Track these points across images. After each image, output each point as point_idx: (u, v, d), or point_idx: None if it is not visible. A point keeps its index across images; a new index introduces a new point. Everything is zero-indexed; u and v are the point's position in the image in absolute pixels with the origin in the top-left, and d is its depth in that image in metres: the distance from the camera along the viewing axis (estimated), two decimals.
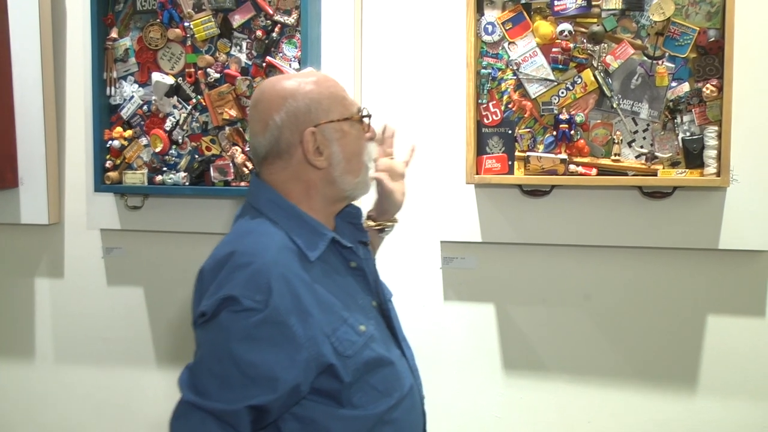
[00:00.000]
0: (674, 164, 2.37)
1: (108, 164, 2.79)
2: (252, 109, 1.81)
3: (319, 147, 1.77)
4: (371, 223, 2.06)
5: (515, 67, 2.47)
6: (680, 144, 2.36)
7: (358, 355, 1.71)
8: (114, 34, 2.77)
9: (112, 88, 2.79)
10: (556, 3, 2.41)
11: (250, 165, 2.64)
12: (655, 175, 2.37)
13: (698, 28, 2.31)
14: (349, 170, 1.82)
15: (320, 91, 1.80)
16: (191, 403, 1.60)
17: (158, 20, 2.71)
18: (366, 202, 2.03)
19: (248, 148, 2.62)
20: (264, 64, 2.62)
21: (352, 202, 1.92)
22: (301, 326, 1.63)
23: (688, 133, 2.35)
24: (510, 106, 2.49)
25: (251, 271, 1.63)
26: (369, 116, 1.87)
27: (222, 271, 1.66)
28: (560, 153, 2.44)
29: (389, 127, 2.04)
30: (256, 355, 1.60)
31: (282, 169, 1.78)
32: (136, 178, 2.77)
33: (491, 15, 2.48)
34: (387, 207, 2.02)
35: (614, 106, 2.40)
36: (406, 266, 2.71)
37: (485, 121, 2.50)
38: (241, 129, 2.66)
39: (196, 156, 2.72)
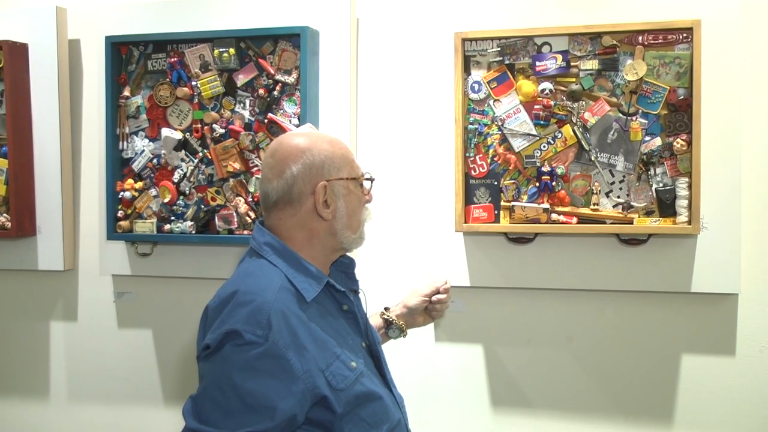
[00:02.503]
0: (649, 213, 2.45)
1: (120, 214, 2.88)
2: (269, 157, 1.90)
3: (327, 200, 1.88)
4: (384, 317, 2.30)
5: (500, 123, 2.56)
6: (654, 194, 2.45)
7: (350, 388, 1.80)
8: (126, 93, 2.87)
9: (125, 143, 2.89)
10: (537, 63, 2.52)
11: (252, 215, 2.73)
12: (632, 224, 2.45)
13: (668, 87, 2.41)
14: (349, 226, 1.94)
15: (334, 151, 1.91)
16: (194, 431, 1.68)
17: (168, 80, 2.82)
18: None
19: (257, 195, 2.65)
20: (266, 121, 2.72)
21: (347, 254, 2.04)
22: (298, 360, 1.72)
23: (661, 184, 2.44)
24: (496, 159, 2.57)
25: (252, 308, 1.73)
26: (372, 180, 2.00)
27: (225, 308, 1.76)
28: (543, 203, 2.52)
29: (447, 283, 2.32)
30: (256, 385, 1.68)
31: (290, 216, 1.89)
32: (145, 226, 2.86)
33: (477, 74, 2.58)
34: (407, 317, 2.31)
35: (592, 159, 2.50)
36: None
37: (473, 173, 2.59)
38: (244, 181, 2.76)
39: (202, 206, 2.81)
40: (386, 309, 2.31)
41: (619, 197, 2.50)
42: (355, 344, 1.93)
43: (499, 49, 2.56)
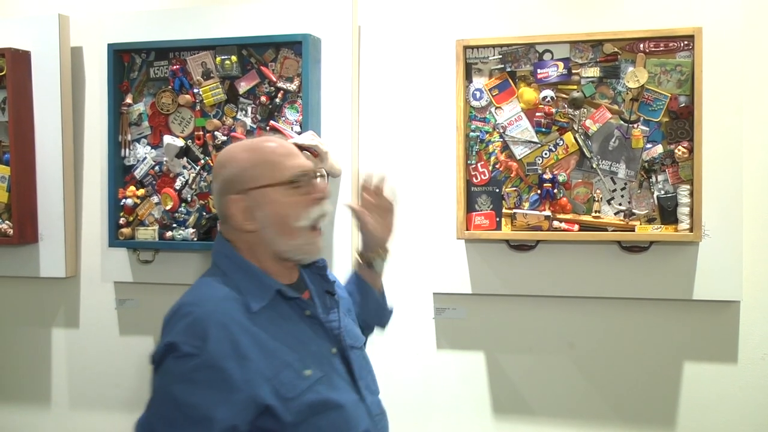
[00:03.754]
0: (650, 220, 2.46)
1: (122, 221, 2.88)
2: None
3: (252, 211, 1.85)
4: (359, 259, 2.18)
5: (502, 130, 2.57)
6: (656, 201, 2.45)
7: (302, 397, 1.77)
8: (129, 100, 2.88)
9: (127, 150, 2.90)
10: (539, 71, 2.52)
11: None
12: (633, 231, 2.46)
13: (670, 95, 2.42)
14: (282, 233, 1.86)
15: (253, 158, 1.87)
16: None
17: (170, 87, 2.83)
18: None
19: None
20: (268, 128, 2.72)
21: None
22: (239, 370, 1.70)
23: (662, 192, 2.45)
24: (497, 166, 2.58)
25: (191, 320, 1.73)
26: (308, 178, 1.88)
27: (170, 321, 1.77)
28: (544, 210, 2.53)
29: (372, 175, 2.11)
30: (193, 396, 1.67)
31: (229, 231, 1.89)
32: (147, 234, 2.87)
33: (479, 82, 2.59)
34: (367, 240, 2.13)
35: (594, 166, 2.50)
36: (401, 316, 2.74)
37: (474, 180, 2.60)
38: None
39: (204, 213, 2.81)
40: (358, 253, 2.19)
41: (620, 204, 2.50)
42: (321, 350, 1.89)
43: (500, 56, 2.57)
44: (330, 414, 1.82)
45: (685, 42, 2.42)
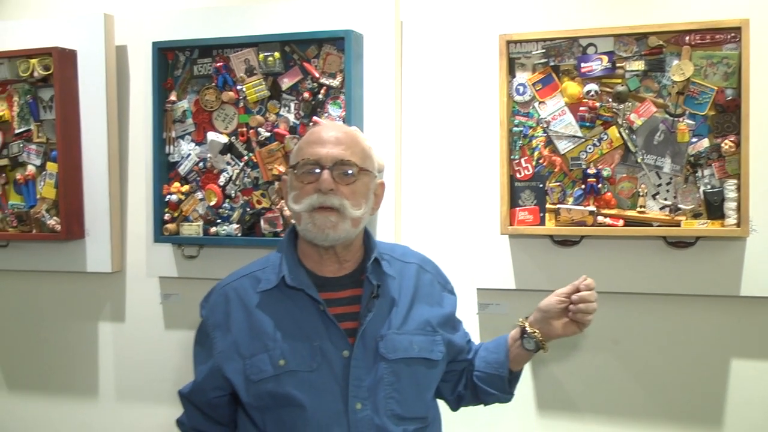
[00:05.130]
0: (696, 215, 2.43)
1: (166, 217, 2.92)
2: None
3: (286, 191, 1.98)
4: (520, 321, 2.06)
5: (545, 125, 2.55)
6: (702, 196, 2.42)
7: (264, 384, 1.86)
8: (173, 97, 2.91)
9: (171, 147, 2.93)
10: (582, 65, 2.51)
11: None
12: (679, 226, 2.43)
13: (716, 88, 2.39)
14: (294, 215, 1.93)
15: (300, 140, 1.97)
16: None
17: (213, 84, 2.86)
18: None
19: None
20: (311, 124, 2.73)
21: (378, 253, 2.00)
22: (221, 340, 1.95)
23: (708, 186, 2.42)
24: (541, 161, 2.57)
25: (210, 290, 2.05)
26: (308, 167, 1.88)
27: None
28: (589, 205, 2.51)
29: (587, 279, 2.03)
30: (194, 349, 2.05)
31: None
32: (192, 229, 2.90)
33: (522, 77, 2.58)
34: (548, 329, 2.01)
35: (639, 160, 2.48)
36: None
37: (518, 175, 2.59)
38: None
39: (248, 209, 2.84)
40: (525, 318, 2.07)
41: (666, 199, 2.48)
42: (324, 348, 1.88)
43: (543, 50, 2.55)
44: (292, 410, 1.86)
45: (732, 34, 2.38)
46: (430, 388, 2.02)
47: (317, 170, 1.88)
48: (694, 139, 2.44)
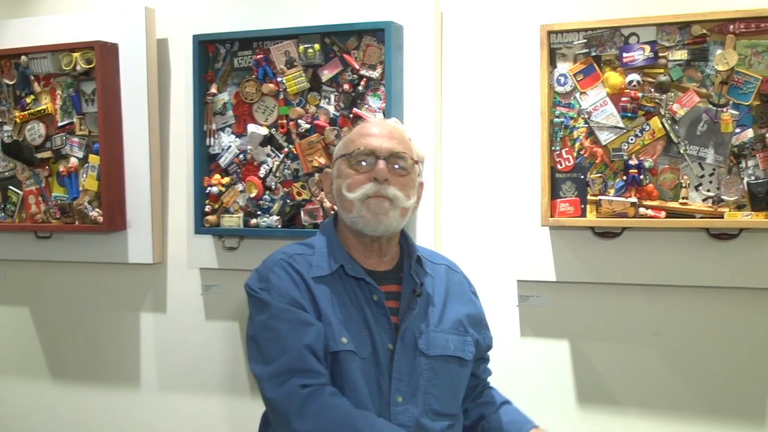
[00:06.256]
0: (740, 207, 2.40)
1: (207, 209, 2.94)
2: None
3: (332, 181, 2.01)
4: None
5: (586, 116, 2.53)
6: (745, 187, 2.39)
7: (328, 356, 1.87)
8: (213, 90, 2.93)
9: (212, 139, 2.95)
10: (624, 55, 2.48)
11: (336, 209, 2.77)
12: (722, 218, 2.40)
13: (761, 77, 2.35)
14: (342, 205, 1.97)
15: (351, 131, 2.01)
16: None
17: (254, 76, 2.87)
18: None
19: None
20: (351, 115, 2.74)
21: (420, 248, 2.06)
22: (303, 300, 1.92)
23: (753, 177, 2.38)
24: (582, 152, 2.55)
25: (261, 267, 2.04)
26: (364, 156, 1.94)
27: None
28: (630, 197, 2.48)
29: None
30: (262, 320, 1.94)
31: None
32: (232, 221, 2.91)
33: (563, 67, 2.56)
34: None
35: (681, 151, 2.45)
36: (485, 303, 2.65)
37: (558, 167, 2.57)
38: None
39: (288, 201, 2.85)
40: None
41: (708, 191, 2.45)
42: (374, 339, 1.90)
43: (585, 41, 2.53)
44: (345, 389, 1.86)
45: None
46: (462, 387, 2.06)
47: (372, 160, 1.92)
48: (737, 130, 2.40)
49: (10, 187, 3.26)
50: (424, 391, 1.93)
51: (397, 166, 1.95)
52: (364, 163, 1.94)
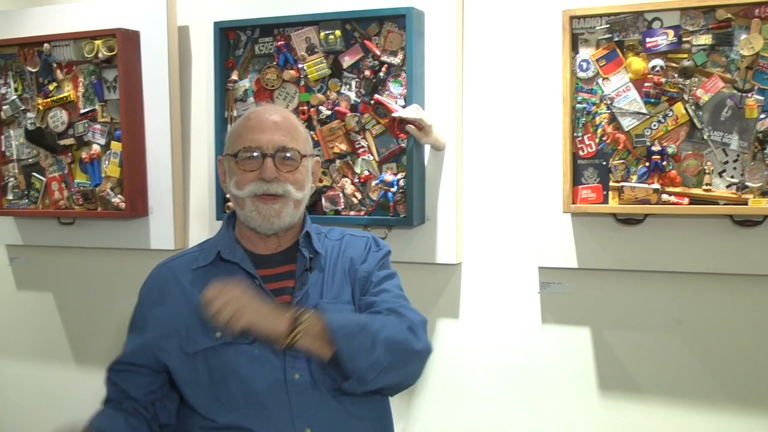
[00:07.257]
0: (764, 193, 2.37)
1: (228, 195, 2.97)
2: None
3: (225, 176, 2.00)
4: None
5: (609, 102, 2.51)
6: None
7: (200, 356, 1.89)
8: (234, 77, 2.93)
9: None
10: (647, 40, 2.46)
11: (359, 196, 2.77)
12: (746, 204, 2.37)
13: None
14: (235, 201, 1.96)
15: (235, 126, 2.00)
16: None
17: (274, 63, 2.87)
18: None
19: (364, 176, 2.76)
20: (372, 102, 2.74)
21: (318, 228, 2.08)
22: (156, 317, 1.97)
23: None
24: (604, 138, 2.53)
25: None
26: (249, 155, 1.91)
27: None
28: (653, 183, 2.46)
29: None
30: (129, 326, 2.08)
31: None
32: None
33: (586, 53, 2.53)
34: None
35: (705, 137, 2.43)
36: (506, 290, 2.76)
37: (581, 153, 2.55)
38: (350, 162, 2.79)
39: None
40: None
41: (732, 177, 2.42)
42: None
43: (608, 26, 2.51)
44: (230, 383, 1.88)
45: None
46: None
47: (260, 158, 1.91)
48: (762, 116, 2.37)
49: (34, 173, 3.29)
50: (322, 365, 1.87)
51: (285, 157, 1.93)
52: (251, 161, 1.92)
